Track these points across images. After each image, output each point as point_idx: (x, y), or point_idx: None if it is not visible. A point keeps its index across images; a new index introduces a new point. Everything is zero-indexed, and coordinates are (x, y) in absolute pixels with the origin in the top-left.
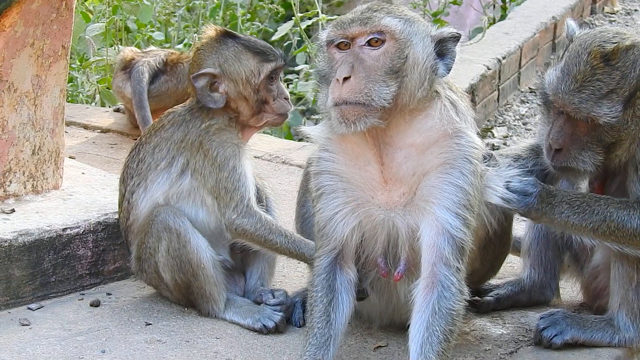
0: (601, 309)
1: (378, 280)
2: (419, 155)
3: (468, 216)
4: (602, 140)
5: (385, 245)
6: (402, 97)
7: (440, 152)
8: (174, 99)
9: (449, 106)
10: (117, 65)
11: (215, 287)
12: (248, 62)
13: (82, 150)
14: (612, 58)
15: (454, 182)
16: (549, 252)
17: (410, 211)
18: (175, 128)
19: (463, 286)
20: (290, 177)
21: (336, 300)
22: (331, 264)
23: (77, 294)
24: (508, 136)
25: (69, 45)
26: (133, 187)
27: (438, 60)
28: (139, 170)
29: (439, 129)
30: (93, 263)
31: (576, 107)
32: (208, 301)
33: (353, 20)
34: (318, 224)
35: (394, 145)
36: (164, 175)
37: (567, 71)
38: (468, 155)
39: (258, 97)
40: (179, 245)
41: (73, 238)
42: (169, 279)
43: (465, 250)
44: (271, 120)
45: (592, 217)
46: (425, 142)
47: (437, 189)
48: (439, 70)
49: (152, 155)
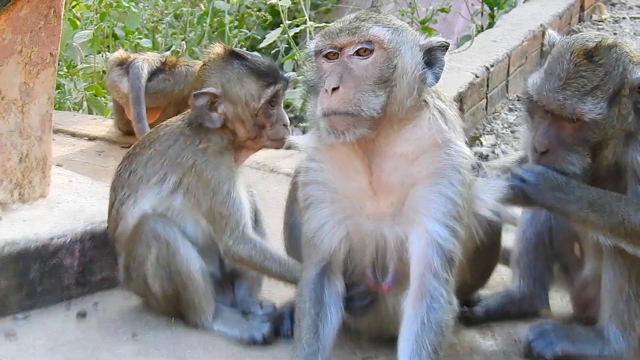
0: (591, 319)
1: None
2: (408, 165)
3: (457, 227)
4: (588, 141)
5: (373, 256)
6: (391, 106)
7: (429, 162)
8: (169, 100)
9: (437, 115)
10: (111, 63)
11: (204, 297)
12: (250, 86)
13: (70, 158)
14: (595, 54)
15: (443, 192)
16: (539, 263)
17: (398, 222)
18: (171, 142)
19: (452, 297)
20: (278, 185)
21: (324, 312)
22: (319, 275)
23: (64, 304)
24: (496, 144)
25: (57, 52)
26: (123, 198)
27: (427, 70)
28: (130, 181)
29: (428, 139)
30: (80, 273)
31: (561, 103)
32: (196, 312)
33: (341, 30)
34: (306, 235)
35: (383, 155)
36: (155, 191)
37: (550, 71)
38: (457, 165)
39: (256, 122)
40: (168, 255)
41: (60, 247)
42: (158, 289)
43: (454, 261)
44: (267, 144)
45: (610, 217)
46: (414, 152)
47: (425, 199)
48: (427, 79)
49: (145, 169)
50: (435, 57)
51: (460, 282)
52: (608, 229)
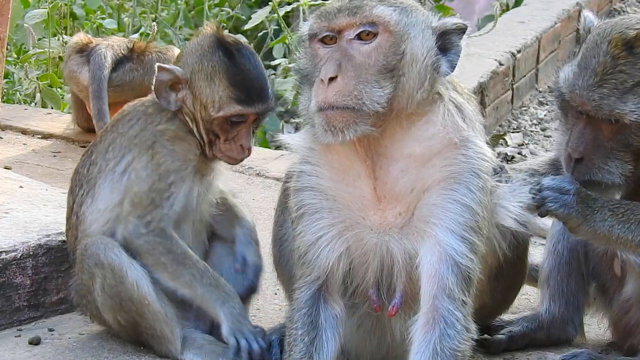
0: (634, 349)
1: (369, 316)
2: (419, 168)
3: (476, 240)
4: (630, 145)
5: (378, 274)
6: (398, 100)
7: (444, 164)
8: (137, 93)
9: (453, 110)
10: (69, 49)
11: (165, 324)
12: (216, 90)
13: (20, 160)
14: (636, 45)
15: (460, 199)
16: (572, 282)
17: (407, 234)
18: (134, 121)
19: (470, 322)
20: (266, 192)
21: (319, 338)
22: (314, 296)
23: (14, 329)
24: (524, 144)
25: (5, 35)
26: (82, 198)
27: (440, 56)
28: (89, 176)
29: (442, 138)
30: (32, 293)
31: (597, 104)
32: (161, 341)
33: (340, 10)
34: (298, 250)
35: (389, 157)
36: (109, 178)
37: (584, 65)
38: (476, 169)
39: (209, 128)
40: (115, 282)
41: (9, 263)
42: (112, 320)
43: (472, 280)
44: (219, 156)
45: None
46: (426, 153)
47: (439, 207)
48: (441, 67)
49: (105, 156)
50: (451, 41)
51: (480, 305)
52: (638, 244)
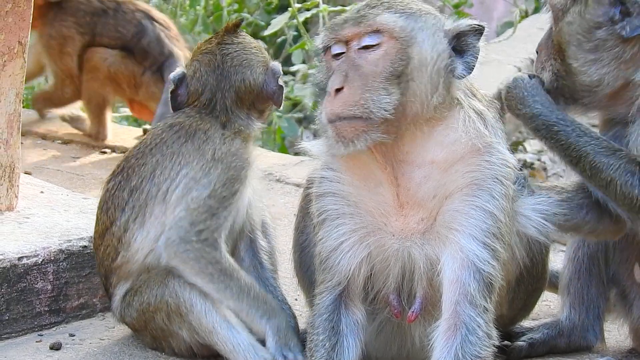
0: None
1: (389, 321)
2: (441, 174)
3: (498, 247)
4: None
5: (399, 280)
6: (410, 105)
7: (467, 170)
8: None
9: (474, 117)
10: None
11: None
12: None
13: (41, 165)
14: None
15: (483, 206)
16: (592, 289)
17: (429, 240)
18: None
19: (491, 329)
20: (285, 198)
21: (340, 344)
22: (335, 302)
23: (35, 334)
24: (543, 150)
25: (26, 41)
26: (127, 224)
27: (455, 59)
28: (133, 202)
29: (465, 143)
30: (53, 298)
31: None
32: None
33: (346, 21)
34: (320, 255)
35: (411, 163)
36: (161, 204)
37: None
38: (499, 175)
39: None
40: (196, 330)
41: (30, 269)
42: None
43: (494, 286)
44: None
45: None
46: (449, 159)
47: (462, 214)
48: (456, 70)
49: (152, 180)
50: (467, 43)
51: (500, 311)
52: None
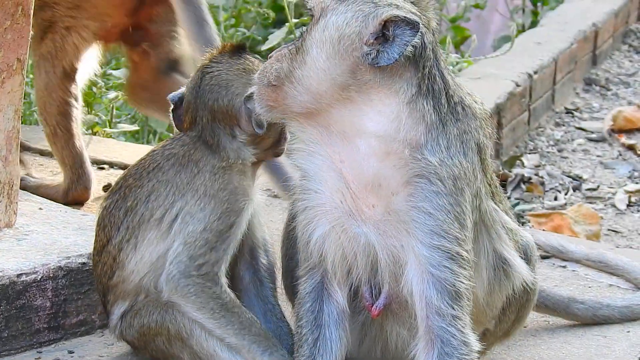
0: None
1: (372, 325)
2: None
3: (448, 246)
4: None
5: (367, 270)
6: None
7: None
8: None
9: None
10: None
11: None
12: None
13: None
14: None
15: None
16: None
17: (386, 232)
18: (180, 167)
19: (467, 336)
20: (284, 214)
21: (323, 338)
22: (316, 288)
23: (34, 351)
24: (540, 165)
25: (25, 57)
26: (121, 244)
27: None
28: (127, 222)
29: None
30: (52, 315)
31: None
32: None
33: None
34: (299, 237)
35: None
36: (155, 229)
37: None
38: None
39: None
40: (198, 355)
41: (29, 286)
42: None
43: (460, 292)
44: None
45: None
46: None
47: (408, 214)
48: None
49: (146, 205)
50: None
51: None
52: None
